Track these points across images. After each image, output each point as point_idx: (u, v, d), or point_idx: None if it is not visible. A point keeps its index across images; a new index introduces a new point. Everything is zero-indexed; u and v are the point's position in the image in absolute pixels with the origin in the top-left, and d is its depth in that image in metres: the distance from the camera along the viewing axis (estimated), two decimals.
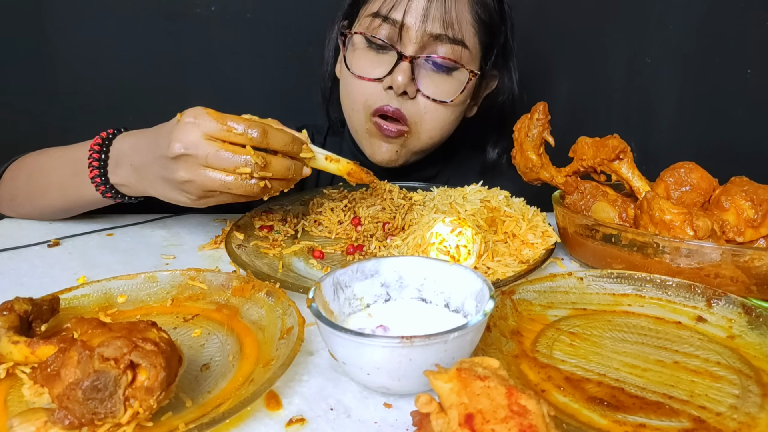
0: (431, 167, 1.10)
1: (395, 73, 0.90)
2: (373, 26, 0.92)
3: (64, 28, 1.27)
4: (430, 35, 0.90)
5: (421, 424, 0.38)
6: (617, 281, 0.65)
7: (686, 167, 0.77)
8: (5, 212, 0.92)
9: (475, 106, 1.07)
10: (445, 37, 0.90)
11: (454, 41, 0.91)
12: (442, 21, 0.89)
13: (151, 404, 0.40)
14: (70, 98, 1.32)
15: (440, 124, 0.97)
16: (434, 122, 0.96)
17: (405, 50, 0.91)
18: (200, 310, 0.60)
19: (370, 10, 0.93)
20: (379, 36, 0.92)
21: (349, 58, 0.96)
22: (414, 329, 0.52)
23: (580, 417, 0.45)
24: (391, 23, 0.90)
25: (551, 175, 0.82)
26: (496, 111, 1.09)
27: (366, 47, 0.94)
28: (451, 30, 0.90)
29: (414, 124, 0.95)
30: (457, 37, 0.91)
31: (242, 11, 1.29)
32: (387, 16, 0.90)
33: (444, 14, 0.89)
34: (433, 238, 0.67)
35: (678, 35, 1.31)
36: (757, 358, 0.53)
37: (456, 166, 1.14)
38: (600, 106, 1.38)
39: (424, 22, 0.89)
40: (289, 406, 0.47)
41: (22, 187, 0.88)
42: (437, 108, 0.95)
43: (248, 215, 0.86)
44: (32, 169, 0.88)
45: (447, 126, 0.99)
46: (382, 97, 0.93)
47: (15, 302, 0.51)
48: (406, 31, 0.90)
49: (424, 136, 0.97)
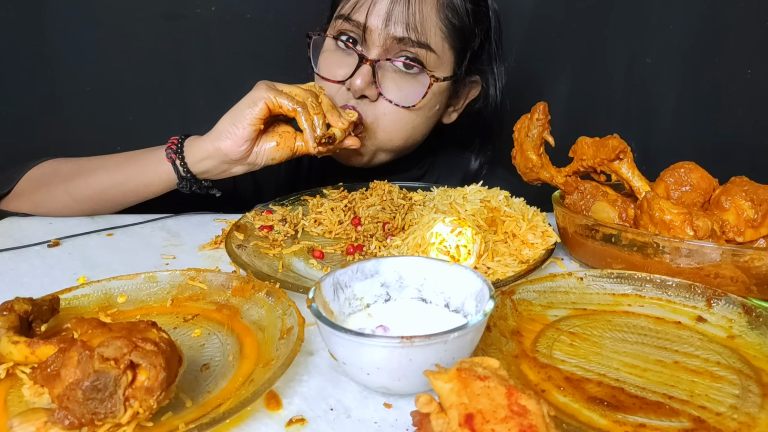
0: (416, 168, 1.10)
1: (355, 76, 0.90)
2: (339, 28, 0.93)
3: (65, 29, 1.27)
4: (394, 38, 0.89)
5: (421, 424, 0.38)
6: (617, 281, 0.65)
7: (686, 167, 0.77)
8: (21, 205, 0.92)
9: (454, 112, 1.06)
10: (408, 40, 0.89)
11: (419, 44, 0.90)
12: (405, 24, 0.88)
13: (151, 404, 0.40)
14: (70, 98, 1.32)
15: (401, 126, 0.95)
16: (394, 125, 0.94)
17: (368, 53, 0.90)
18: (200, 310, 0.60)
19: (339, 12, 0.93)
20: (343, 38, 0.92)
21: (320, 59, 0.97)
22: (414, 329, 0.53)
23: (580, 417, 0.45)
24: (355, 25, 0.90)
25: (551, 175, 0.82)
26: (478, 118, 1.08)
27: (334, 49, 0.95)
28: (415, 33, 0.89)
29: (369, 124, 0.93)
30: (421, 40, 0.90)
31: (242, 11, 1.29)
32: (350, 18, 0.90)
33: (408, 17, 0.88)
34: (433, 238, 0.67)
35: (678, 35, 1.31)
36: (757, 358, 0.53)
37: (445, 167, 1.13)
38: (600, 106, 1.39)
39: (387, 24, 0.88)
40: (289, 406, 0.47)
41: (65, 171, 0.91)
42: (398, 111, 0.93)
43: (248, 215, 0.86)
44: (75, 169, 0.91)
45: (410, 129, 0.97)
46: (345, 97, 0.93)
47: (15, 302, 0.51)
48: (370, 34, 0.89)
49: (382, 136, 0.95)
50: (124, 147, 1.32)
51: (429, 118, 0.99)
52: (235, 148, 0.81)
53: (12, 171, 0.94)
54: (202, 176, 0.86)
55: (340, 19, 0.92)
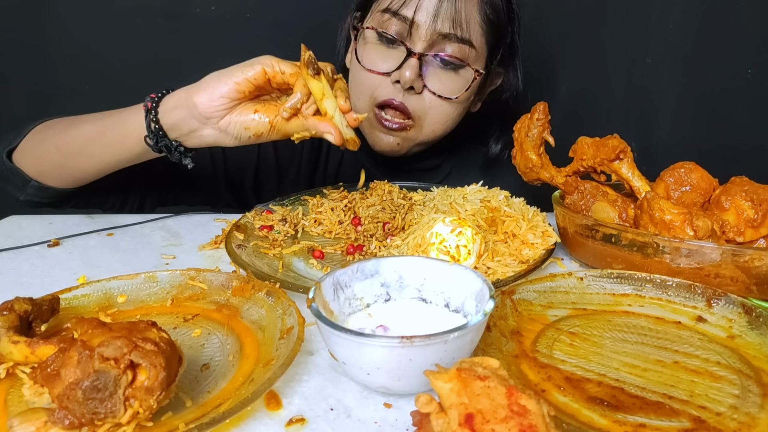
0: (435, 158, 1.13)
1: (404, 68, 0.92)
2: (384, 21, 0.94)
3: (65, 28, 1.27)
4: (439, 34, 0.92)
5: (421, 424, 0.38)
6: (617, 281, 0.65)
7: (686, 167, 0.77)
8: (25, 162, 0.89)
9: (479, 101, 1.10)
10: (453, 36, 0.93)
11: (462, 41, 0.93)
12: (452, 20, 0.92)
13: (151, 404, 0.40)
14: (70, 98, 1.31)
15: (443, 118, 1.00)
16: (438, 117, 0.99)
17: (414, 47, 0.93)
18: (200, 310, 0.60)
19: (382, 5, 0.94)
20: (389, 31, 0.93)
21: (360, 51, 0.98)
22: (414, 329, 0.53)
23: (580, 417, 0.45)
24: (402, 20, 0.92)
25: (551, 175, 0.82)
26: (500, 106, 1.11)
27: (377, 41, 0.96)
28: (460, 30, 0.92)
29: (418, 117, 0.97)
30: (465, 36, 0.93)
31: (242, 11, 1.29)
32: (398, 12, 0.92)
33: (454, 14, 0.92)
34: (433, 238, 0.67)
35: (678, 35, 1.31)
36: (757, 358, 0.53)
37: (459, 157, 1.16)
38: (600, 106, 1.38)
39: (434, 20, 0.91)
40: (289, 406, 0.47)
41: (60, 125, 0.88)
42: (442, 104, 0.97)
43: (248, 215, 0.86)
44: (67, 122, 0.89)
45: (450, 121, 1.01)
46: (389, 90, 0.96)
47: (15, 302, 0.51)
48: (416, 29, 0.92)
49: (426, 129, 1.00)
50: None
51: (464, 110, 1.04)
52: (208, 102, 0.73)
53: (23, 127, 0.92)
54: (172, 133, 0.77)
55: (386, 13, 0.94)
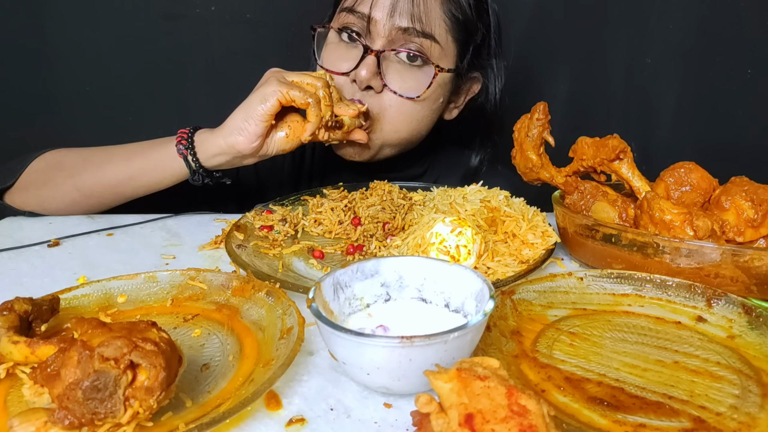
0: (417, 166, 1.10)
1: (360, 67, 0.90)
2: (344, 20, 0.93)
3: (64, 28, 1.27)
4: (399, 28, 0.89)
5: (421, 424, 0.38)
6: (617, 281, 0.65)
7: (686, 167, 0.77)
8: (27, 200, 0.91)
9: (455, 108, 1.06)
10: (413, 30, 0.89)
11: (423, 35, 0.90)
12: (410, 15, 0.89)
13: (151, 404, 0.40)
14: (70, 98, 1.32)
15: (406, 118, 0.95)
16: (399, 116, 0.95)
17: (373, 44, 0.91)
18: (200, 310, 0.60)
19: (343, 5, 0.93)
20: (347, 30, 0.92)
21: (321, 52, 0.97)
22: (414, 329, 0.52)
23: (580, 417, 0.45)
24: (359, 17, 0.90)
25: (551, 175, 0.82)
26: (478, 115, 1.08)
27: (338, 41, 0.95)
28: (420, 23, 0.89)
29: (375, 116, 0.94)
30: (426, 30, 0.90)
31: (242, 11, 1.29)
32: (354, 9, 0.91)
33: (412, 8, 0.89)
34: (433, 238, 0.67)
35: (678, 35, 1.31)
36: (757, 358, 0.53)
37: (446, 164, 1.13)
38: (600, 106, 1.39)
39: (392, 15, 0.89)
40: (289, 406, 0.47)
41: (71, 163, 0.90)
42: (404, 102, 0.93)
43: (248, 215, 0.86)
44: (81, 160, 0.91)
45: (415, 122, 0.97)
46: (348, 90, 0.93)
47: (15, 302, 0.51)
48: (374, 25, 0.90)
49: (388, 129, 0.95)
50: None
51: (433, 111, 1.00)
52: (248, 145, 0.82)
53: (14, 163, 0.93)
54: (214, 169, 0.88)
55: (344, 11, 0.92)
